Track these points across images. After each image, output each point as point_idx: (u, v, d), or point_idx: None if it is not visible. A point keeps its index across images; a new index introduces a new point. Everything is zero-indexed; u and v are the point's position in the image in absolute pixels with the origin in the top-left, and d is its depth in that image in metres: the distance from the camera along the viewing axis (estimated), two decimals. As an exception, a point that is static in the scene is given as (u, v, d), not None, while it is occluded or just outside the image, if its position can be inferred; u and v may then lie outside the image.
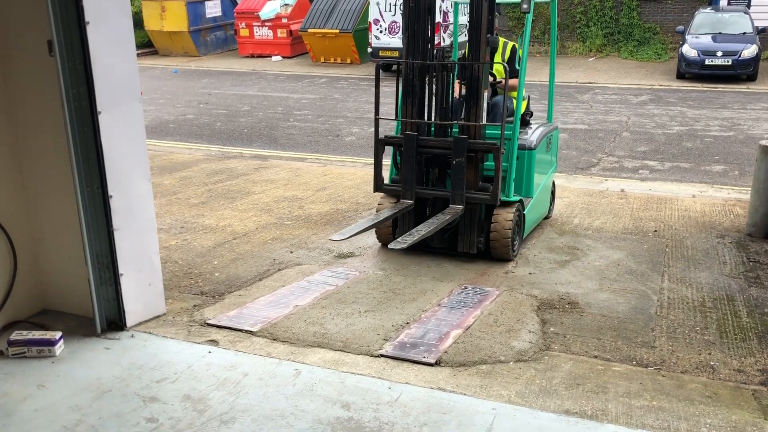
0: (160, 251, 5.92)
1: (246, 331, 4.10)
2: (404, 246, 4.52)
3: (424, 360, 3.77)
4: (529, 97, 6.51)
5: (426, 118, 5.55)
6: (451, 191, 5.33)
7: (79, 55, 3.61)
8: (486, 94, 5.31)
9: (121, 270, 3.97)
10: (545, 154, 6.49)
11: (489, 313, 4.60)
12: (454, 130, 5.66)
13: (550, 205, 6.99)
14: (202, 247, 6.06)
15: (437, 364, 3.78)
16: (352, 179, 8.81)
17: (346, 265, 5.47)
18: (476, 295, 4.92)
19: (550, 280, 5.36)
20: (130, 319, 4.08)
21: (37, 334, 3.79)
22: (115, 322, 4.06)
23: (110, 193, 3.84)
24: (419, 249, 5.64)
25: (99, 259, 3.93)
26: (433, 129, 5.62)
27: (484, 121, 5.35)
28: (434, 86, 5.53)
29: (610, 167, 9.96)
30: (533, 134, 6.16)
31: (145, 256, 4.15)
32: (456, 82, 6.07)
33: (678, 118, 12.92)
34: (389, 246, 4.70)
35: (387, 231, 5.81)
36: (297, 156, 10.53)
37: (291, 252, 5.93)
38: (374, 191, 5.67)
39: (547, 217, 6.88)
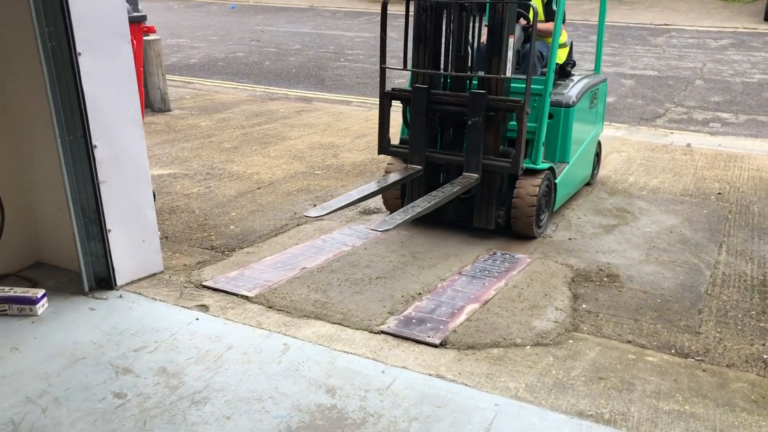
0: (180, 199, 5.70)
1: (242, 296, 3.79)
2: (391, 228, 3.79)
3: (427, 340, 3.38)
4: (572, 43, 5.72)
5: (442, 68, 4.78)
6: (465, 157, 4.60)
7: (54, -13, 3.25)
8: (511, 41, 4.46)
9: (108, 225, 3.68)
10: (588, 112, 5.66)
11: (514, 285, 4.15)
12: (474, 83, 4.88)
13: (594, 169, 6.23)
14: (223, 196, 5.77)
15: (442, 345, 3.38)
16: (396, 126, 8.35)
17: (369, 223, 5.08)
18: (504, 263, 4.47)
19: (590, 248, 4.85)
20: (121, 278, 3.81)
21: (19, 291, 3.56)
22: (105, 280, 3.80)
23: (94, 142, 3.53)
24: (432, 219, 4.97)
25: (85, 213, 3.65)
26: (449, 82, 4.88)
27: (508, 74, 4.51)
28: (451, 30, 4.73)
29: (677, 119, 9.16)
30: (573, 88, 5.33)
31: (138, 210, 3.85)
32: (485, 26, 5.37)
33: (761, 65, 11.82)
34: (371, 228, 4.03)
35: (395, 198, 5.12)
36: (342, 99, 10.09)
37: (314, 205, 5.56)
38: (378, 153, 4.96)
39: (588, 183, 6.14)
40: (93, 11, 3.38)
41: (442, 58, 4.78)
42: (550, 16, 5.55)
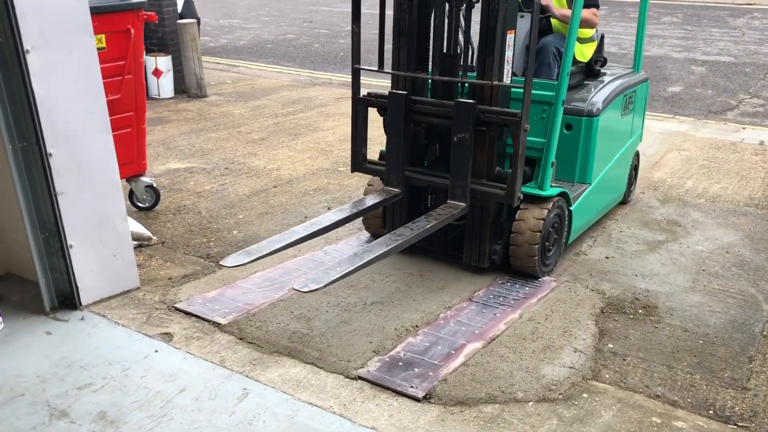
0: (189, 197, 5.35)
1: (213, 323, 3.38)
2: (320, 287, 2.85)
3: (409, 392, 2.89)
4: (602, 36, 4.84)
5: (431, 70, 3.81)
6: (450, 180, 3.68)
7: (-7, -23, 2.87)
8: (510, 38, 3.55)
9: (69, 240, 3.33)
10: (619, 121, 4.72)
11: (529, 318, 3.61)
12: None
13: (630, 186, 5.28)
14: (235, 195, 5.39)
15: (426, 399, 2.88)
16: (381, 138, 7.81)
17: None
18: (524, 287, 3.92)
19: (629, 270, 4.24)
20: (87, 296, 3.47)
21: (-29, 311, 3.25)
22: (70, 299, 3.46)
23: (49, 150, 3.16)
24: (419, 247, 4.05)
25: (44, 227, 3.31)
26: (438, 87, 3.92)
27: (506, 79, 3.59)
28: (435, 24, 3.75)
29: (751, 111, 8.27)
30: (599, 93, 4.40)
31: (106, 222, 3.48)
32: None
33: None
34: (293, 288, 3.12)
35: (376, 222, 4.34)
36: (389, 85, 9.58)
37: (328, 208, 5.12)
38: (352, 170, 4.06)
39: (624, 202, 5.26)
40: (42, 4, 3.00)
41: (431, 56, 3.84)
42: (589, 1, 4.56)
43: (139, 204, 5.03)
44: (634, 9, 16.08)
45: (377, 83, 8.44)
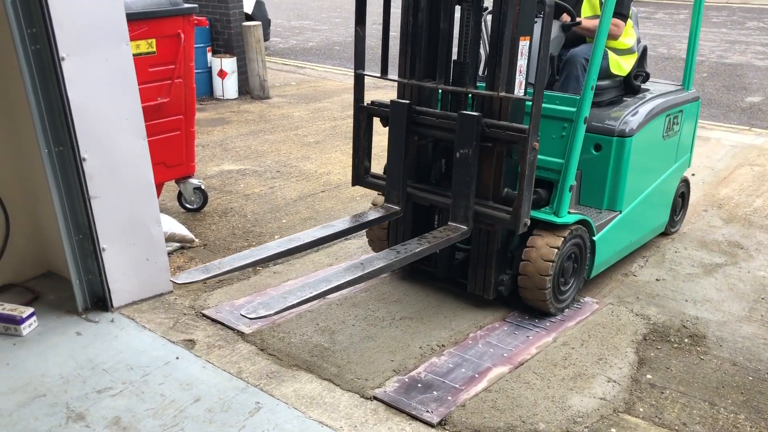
0: (238, 200, 5.39)
1: (237, 332, 3.37)
2: (267, 315, 2.57)
3: (424, 416, 2.78)
4: (645, 48, 4.40)
5: (439, 78, 3.38)
6: (451, 200, 3.35)
7: (32, -15, 2.93)
8: (524, 46, 3.16)
9: (102, 244, 3.38)
10: (660, 143, 4.26)
11: (564, 343, 3.44)
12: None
13: (675, 216, 4.79)
14: (282, 199, 5.40)
15: (441, 425, 2.77)
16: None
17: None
18: (563, 310, 3.74)
19: (680, 294, 4.01)
20: (118, 298, 3.52)
21: (8, 308, 3.35)
22: (102, 300, 3.52)
23: (83, 154, 3.22)
24: (420, 270, 3.92)
25: (79, 229, 3.37)
26: (443, 98, 3.61)
27: (518, 91, 3.22)
28: (445, 26, 3.36)
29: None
30: (636, 110, 3.97)
31: (140, 226, 3.52)
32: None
33: None
34: (241, 314, 2.65)
35: (381, 240, 4.03)
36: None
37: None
38: (353, 184, 3.77)
39: (666, 233, 4.77)
40: (78, 12, 3.05)
41: (442, 64, 3.44)
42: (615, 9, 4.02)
43: (187, 205, 5.10)
44: (716, 12, 15.37)
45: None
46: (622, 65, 4.12)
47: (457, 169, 3.27)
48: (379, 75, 3.58)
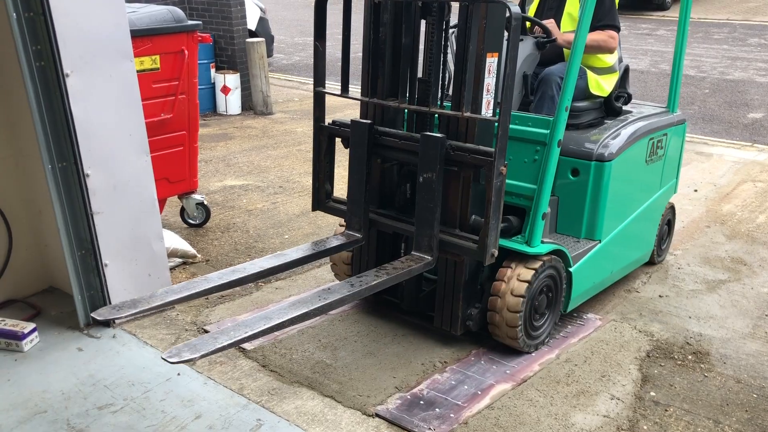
0: (240, 215, 5.40)
1: (238, 348, 3.36)
2: (193, 359, 2.22)
3: (425, 434, 2.78)
4: (627, 68, 4.16)
5: (402, 97, 3.16)
6: (415, 228, 3.10)
7: (37, 2, 2.95)
8: (492, 62, 2.92)
9: (105, 259, 3.39)
10: (643, 168, 4.01)
11: (567, 359, 3.43)
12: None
13: (660, 245, 4.53)
14: (285, 215, 5.41)
15: (443, 442, 2.76)
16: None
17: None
18: (565, 326, 3.73)
19: (683, 311, 3.99)
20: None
21: (9, 324, 3.35)
22: (104, 316, 3.51)
23: (86, 170, 3.23)
24: (384, 300, 3.70)
25: (81, 245, 3.37)
26: (410, 118, 3.39)
27: (486, 111, 2.99)
28: (408, 41, 3.13)
29: (840, 142, 7.74)
30: (616, 133, 3.73)
31: (142, 242, 3.53)
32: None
33: None
34: (162, 357, 2.28)
35: (344, 268, 3.78)
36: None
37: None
38: (312, 209, 3.53)
39: (652, 262, 4.51)
40: (83, 28, 3.07)
41: (408, 81, 3.22)
42: (598, 21, 3.73)
43: (190, 221, 5.10)
44: (718, 29, 15.43)
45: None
46: (602, 85, 3.88)
47: (420, 194, 3.02)
48: (339, 93, 3.31)
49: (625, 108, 4.17)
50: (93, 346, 3.37)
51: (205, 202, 5.10)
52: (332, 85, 3.46)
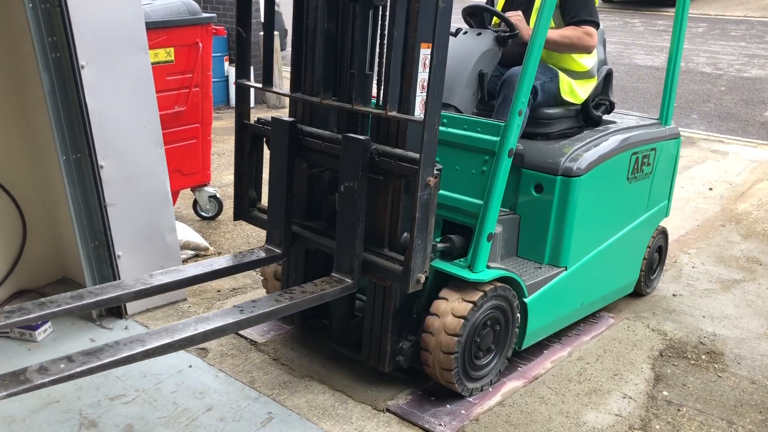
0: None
1: (250, 341, 3.36)
2: (7, 395, 1.89)
3: (436, 431, 2.76)
4: (609, 72, 3.71)
5: (325, 92, 2.78)
6: (336, 245, 2.72)
7: (54, -6, 2.96)
8: (425, 52, 2.48)
9: (118, 251, 3.39)
10: (624, 186, 3.55)
11: (579, 357, 3.41)
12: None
13: (650, 274, 4.08)
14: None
15: (453, 439, 2.75)
16: None
17: None
18: (578, 324, 3.71)
19: (697, 310, 3.97)
20: (132, 306, 3.53)
21: (23, 314, 3.35)
22: (116, 307, 3.53)
23: (100, 162, 3.23)
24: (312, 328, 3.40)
25: (95, 236, 3.38)
26: (339, 117, 2.97)
27: (417, 110, 2.54)
28: (329, 27, 2.74)
29: None
30: (590, 145, 3.31)
31: (155, 234, 3.53)
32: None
33: None
34: None
35: (275, 281, 3.41)
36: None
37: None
38: (234, 218, 3.18)
39: (640, 293, 4.04)
40: (98, 20, 3.08)
41: (333, 74, 2.84)
42: (572, 17, 3.35)
43: (203, 213, 5.11)
44: (735, 26, 15.28)
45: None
46: (576, 91, 3.47)
47: (341, 206, 2.63)
48: (261, 86, 2.97)
49: (607, 117, 3.75)
50: (105, 337, 3.38)
51: (218, 195, 5.11)
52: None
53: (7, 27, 3.32)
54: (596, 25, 3.36)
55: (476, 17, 3.47)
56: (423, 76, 2.51)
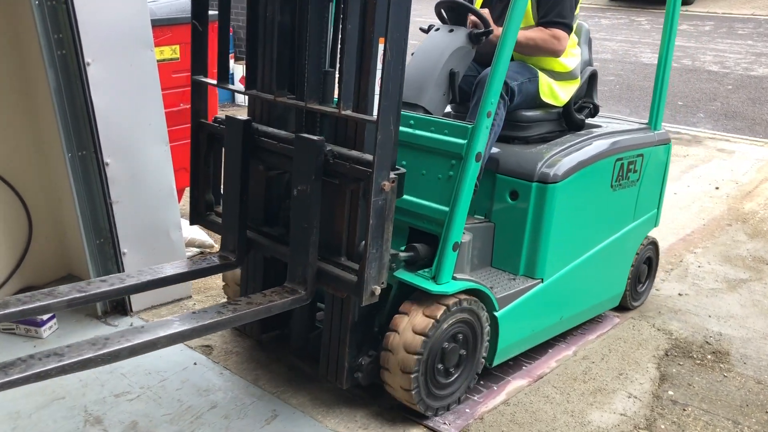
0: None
1: (255, 339, 3.36)
2: None
3: (441, 429, 2.76)
4: (594, 73, 3.55)
5: (279, 89, 2.59)
6: (290, 255, 2.55)
7: (59, -10, 2.96)
8: (382, 47, 2.22)
9: (123, 248, 3.40)
10: (608, 194, 3.37)
11: (584, 357, 3.40)
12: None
13: (638, 286, 3.88)
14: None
15: (458, 437, 2.74)
16: None
17: None
18: (583, 324, 3.70)
19: (703, 309, 3.95)
20: (137, 303, 3.54)
21: (29, 311, 3.36)
22: (121, 304, 3.54)
23: (106, 159, 3.24)
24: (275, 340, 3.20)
25: (100, 233, 3.39)
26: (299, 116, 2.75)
27: (376, 112, 2.26)
28: (281, 19, 2.54)
29: None
30: (569, 150, 3.16)
31: (160, 231, 3.54)
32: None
33: None
34: None
35: (236, 287, 3.23)
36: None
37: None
38: (191, 223, 3.02)
39: (627, 307, 3.84)
40: (104, 18, 3.08)
41: (289, 70, 2.63)
42: (543, 17, 3.18)
43: (207, 211, 5.10)
44: (742, 24, 15.21)
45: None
46: (556, 93, 3.29)
47: (294, 211, 2.48)
48: (215, 83, 2.82)
49: (592, 121, 3.59)
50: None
51: (223, 193, 5.10)
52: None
53: (13, 24, 3.33)
54: (567, 27, 3.15)
55: (452, 13, 3.26)
56: (379, 73, 2.34)
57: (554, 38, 3.13)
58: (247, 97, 2.75)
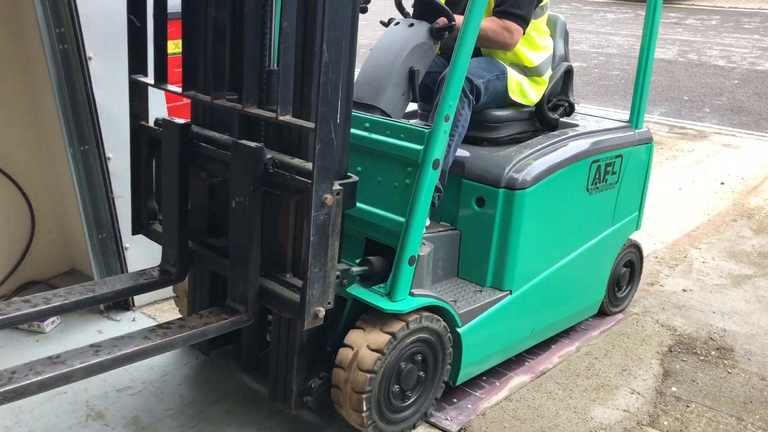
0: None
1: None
2: None
3: (443, 425, 2.75)
4: (569, 70, 3.34)
5: (216, 90, 2.34)
6: (229, 271, 2.34)
7: (61, -15, 2.96)
8: (323, 45, 1.97)
9: (125, 243, 3.40)
10: (583, 199, 3.17)
11: (587, 353, 3.39)
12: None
13: (618, 291, 3.71)
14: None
15: (459, 434, 2.73)
16: None
17: None
18: (586, 319, 3.68)
19: (707, 305, 3.93)
20: (139, 298, 3.54)
21: (31, 305, 3.36)
22: (125, 299, 3.53)
23: (108, 154, 3.23)
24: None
25: (102, 228, 3.39)
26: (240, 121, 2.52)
27: (317, 117, 2.00)
28: (218, 15, 2.34)
29: None
30: (540, 153, 2.97)
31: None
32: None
33: None
34: None
35: (186, 301, 3.01)
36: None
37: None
38: (132, 233, 2.77)
39: (607, 313, 3.69)
40: (106, 12, 3.07)
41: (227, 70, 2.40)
42: (497, 5, 2.94)
43: (211, 206, 5.11)
44: (749, 18, 15.14)
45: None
46: (526, 91, 3.09)
47: (233, 224, 2.26)
48: (153, 83, 2.59)
49: (567, 120, 3.37)
50: (112, 328, 3.39)
51: (226, 188, 5.11)
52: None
53: (15, 19, 3.32)
54: (521, 20, 2.91)
55: (415, 6, 3.02)
56: (314, 79, 2.16)
57: (506, 30, 2.90)
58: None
